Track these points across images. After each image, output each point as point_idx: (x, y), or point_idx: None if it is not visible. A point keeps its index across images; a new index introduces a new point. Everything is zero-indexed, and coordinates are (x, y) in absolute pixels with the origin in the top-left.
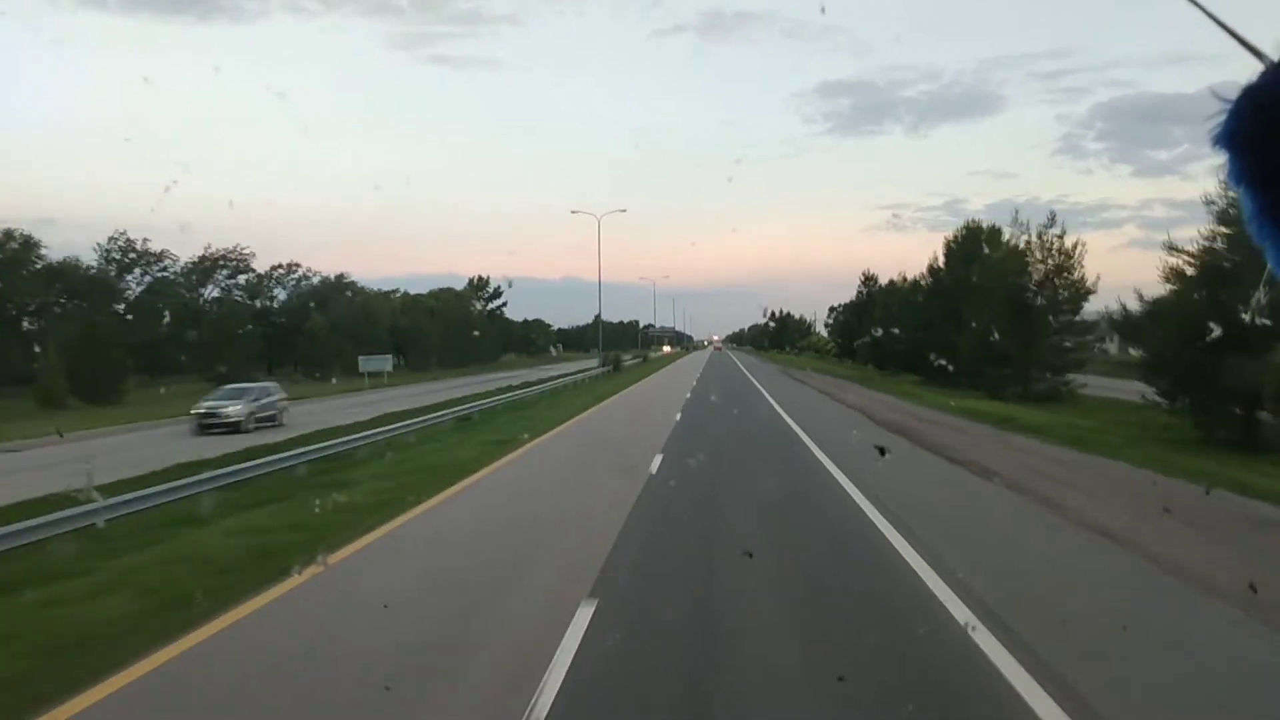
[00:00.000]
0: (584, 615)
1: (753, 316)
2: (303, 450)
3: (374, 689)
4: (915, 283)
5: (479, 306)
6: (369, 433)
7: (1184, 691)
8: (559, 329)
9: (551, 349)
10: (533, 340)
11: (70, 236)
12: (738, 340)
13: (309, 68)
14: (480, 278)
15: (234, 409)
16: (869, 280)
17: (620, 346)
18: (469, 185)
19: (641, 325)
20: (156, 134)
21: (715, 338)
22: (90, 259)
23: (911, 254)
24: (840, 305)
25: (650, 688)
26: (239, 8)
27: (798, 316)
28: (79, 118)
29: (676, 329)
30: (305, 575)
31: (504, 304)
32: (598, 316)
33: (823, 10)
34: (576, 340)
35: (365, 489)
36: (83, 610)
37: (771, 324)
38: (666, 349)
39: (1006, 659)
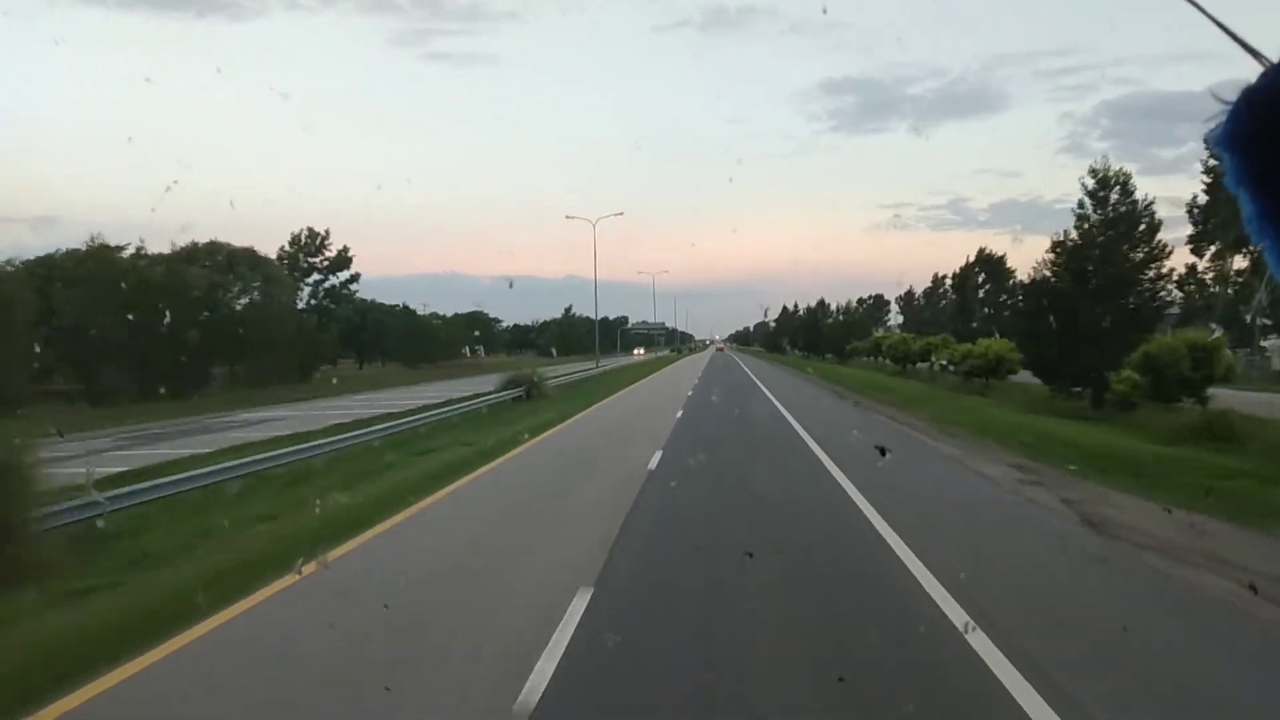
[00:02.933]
0: None
1: (755, 315)
2: None
3: None
4: None
5: (341, 280)
6: None
7: None
8: (519, 324)
9: (469, 350)
10: (437, 338)
11: (72, 234)
12: (742, 340)
13: (308, 65)
14: (310, 232)
15: None
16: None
17: (603, 348)
18: (469, 183)
19: (631, 323)
20: (154, 131)
21: (717, 337)
22: None
23: (914, 253)
24: (916, 293)
25: None
26: (237, 4)
27: (837, 305)
28: (75, 114)
29: (668, 326)
30: None
31: (352, 278)
32: (567, 309)
33: (824, 10)
34: (535, 340)
35: None
36: None
37: (773, 324)
38: (640, 353)
39: None
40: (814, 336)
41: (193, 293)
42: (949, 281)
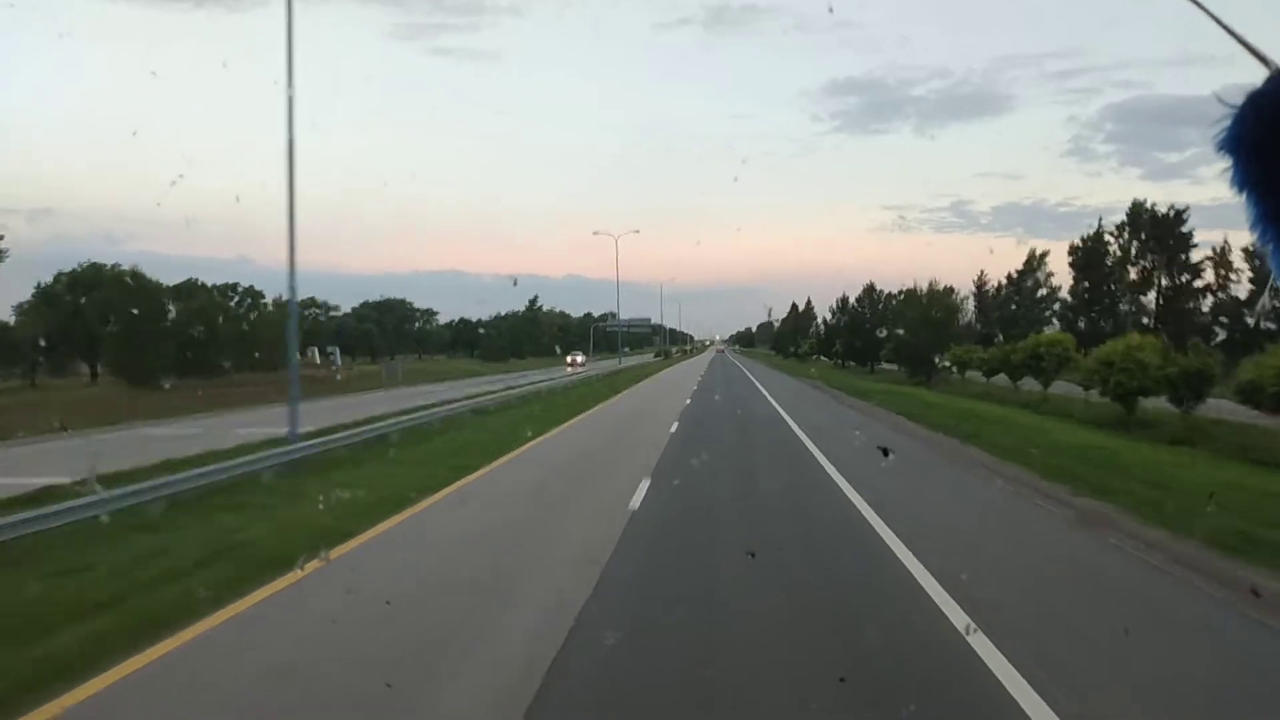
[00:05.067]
0: None
1: (757, 316)
2: None
3: None
4: None
5: None
6: None
7: None
8: (466, 319)
9: (316, 356)
10: (216, 336)
11: (68, 227)
12: (745, 341)
13: (308, 59)
14: None
15: None
16: None
17: (581, 347)
18: (471, 180)
19: (615, 321)
20: (153, 124)
21: (718, 338)
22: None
23: (917, 255)
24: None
25: None
26: None
27: (904, 288)
28: (74, 106)
29: (653, 322)
30: None
31: None
32: (531, 301)
33: (830, 10)
34: (476, 337)
35: None
36: None
37: (777, 323)
38: (577, 361)
39: None
40: (860, 338)
41: None
42: (1067, 258)
